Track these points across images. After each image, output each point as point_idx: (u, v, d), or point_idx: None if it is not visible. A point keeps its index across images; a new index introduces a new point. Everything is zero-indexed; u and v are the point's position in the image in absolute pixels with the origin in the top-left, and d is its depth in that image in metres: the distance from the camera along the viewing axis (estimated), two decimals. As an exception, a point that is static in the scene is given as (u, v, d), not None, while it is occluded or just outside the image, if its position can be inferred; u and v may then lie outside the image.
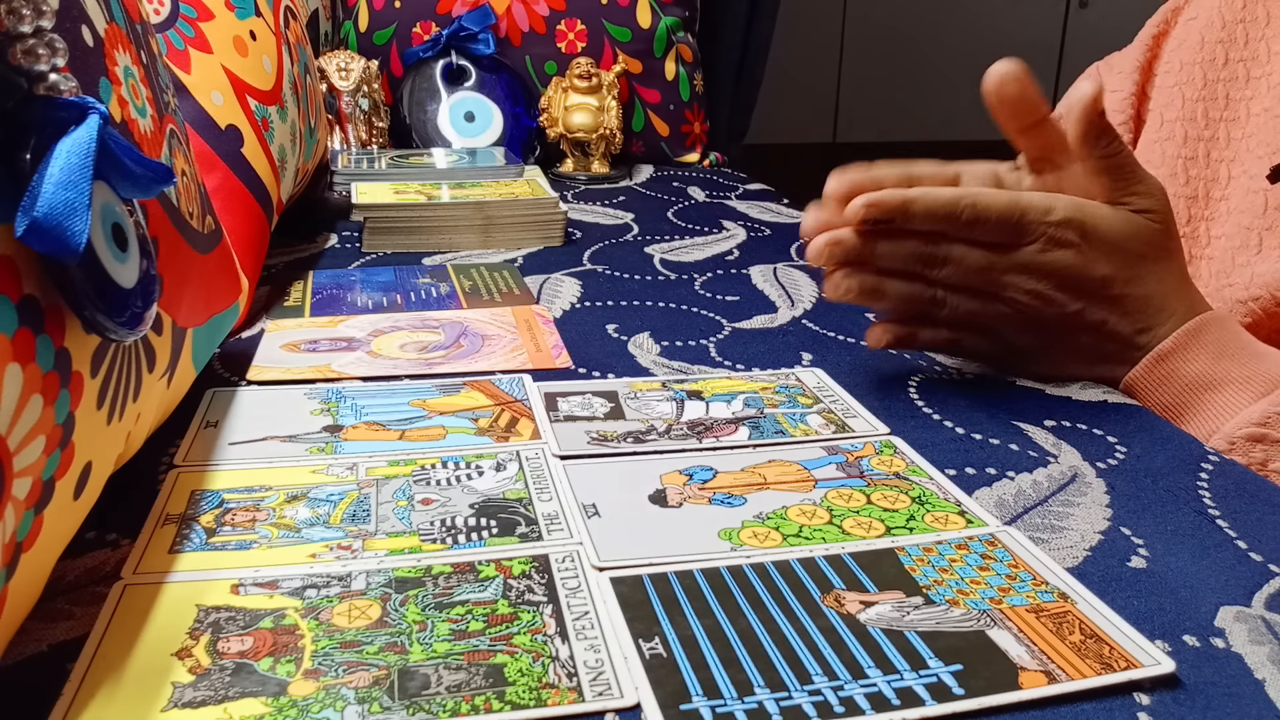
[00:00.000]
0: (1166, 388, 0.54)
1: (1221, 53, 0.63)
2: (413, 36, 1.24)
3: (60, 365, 0.32)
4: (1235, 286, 0.59)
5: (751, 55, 1.44)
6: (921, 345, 0.60)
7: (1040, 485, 0.46)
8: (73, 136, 0.31)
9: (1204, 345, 0.53)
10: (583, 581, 0.38)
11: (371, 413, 0.52)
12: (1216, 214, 0.64)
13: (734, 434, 0.50)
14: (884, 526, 0.42)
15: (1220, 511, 0.44)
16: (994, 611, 0.36)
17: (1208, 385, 0.53)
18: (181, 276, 0.46)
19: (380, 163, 1.04)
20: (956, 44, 3.31)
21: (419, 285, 0.74)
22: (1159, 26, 0.71)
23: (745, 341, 0.65)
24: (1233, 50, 0.63)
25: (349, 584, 0.37)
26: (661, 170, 1.26)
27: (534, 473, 0.46)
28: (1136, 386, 0.55)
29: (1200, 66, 0.65)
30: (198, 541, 0.40)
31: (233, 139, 0.70)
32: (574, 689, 0.32)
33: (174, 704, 0.31)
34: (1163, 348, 0.54)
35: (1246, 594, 0.38)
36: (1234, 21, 0.64)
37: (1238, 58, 0.63)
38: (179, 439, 0.49)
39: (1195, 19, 0.68)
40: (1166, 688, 0.33)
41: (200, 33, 0.70)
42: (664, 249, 0.88)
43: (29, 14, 0.31)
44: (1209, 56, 0.64)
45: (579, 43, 1.25)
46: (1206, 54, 0.64)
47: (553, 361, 0.60)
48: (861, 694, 0.32)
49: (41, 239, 0.30)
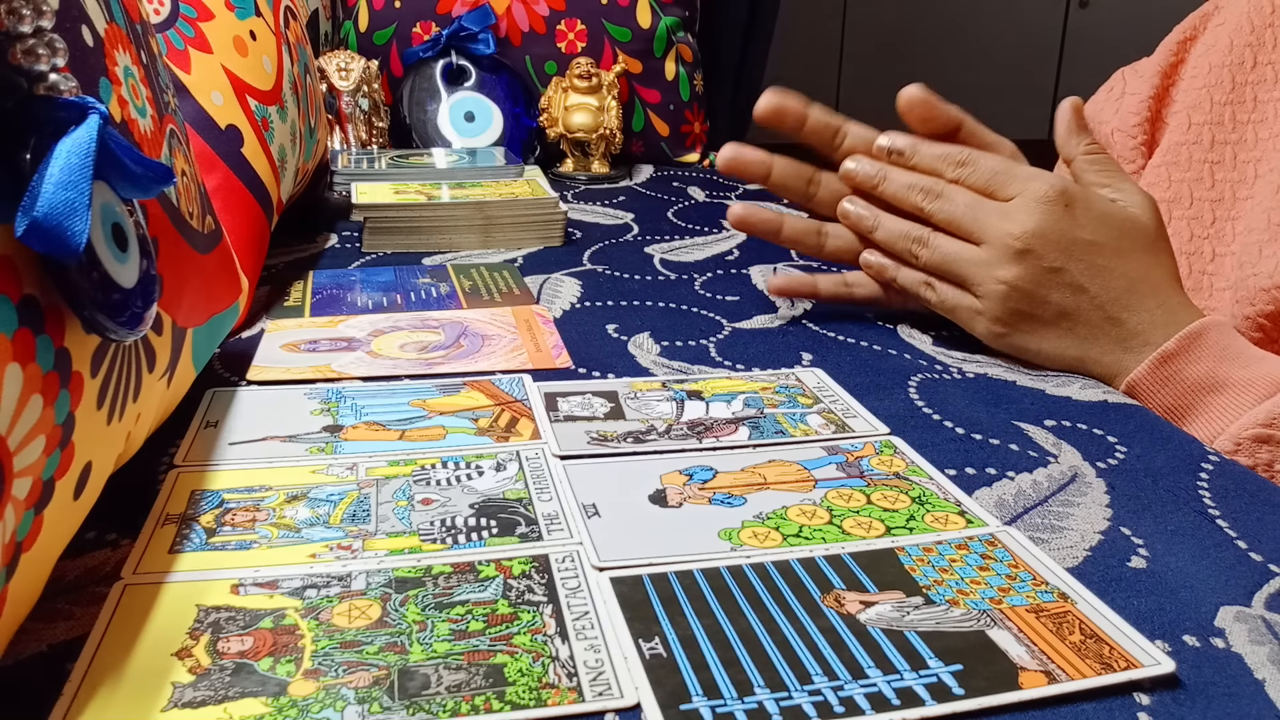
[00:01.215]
0: (1170, 389, 0.54)
1: (1250, 56, 0.65)
2: (413, 36, 1.24)
3: (60, 365, 0.32)
4: (1260, 275, 0.59)
5: (751, 55, 1.44)
6: (902, 281, 0.64)
7: (1040, 485, 0.46)
8: (73, 136, 0.31)
9: (1206, 348, 0.54)
10: (583, 581, 0.38)
11: (371, 413, 0.52)
12: (1242, 212, 0.64)
13: (734, 434, 0.50)
14: (884, 526, 0.42)
15: (1220, 511, 0.44)
16: (994, 611, 0.36)
17: (1211, 387, 0.53)
18: (181, 276, 0.46)
19: (380, 163, 1.04)
20: (956, 44, 3.31)
21: (419, 285, 0.74)
22: (1187, 32, 0.72)
23: (745, 341, 0.65)
24: (1260, 54, 0.65)
25: (349, 584, 0.37)
26: (661, 170, 1.26)
27: (534, 473, 0.46)
28: (1139, 387, 0.55)
29: (1229, 69, 0.66)
30: (198, 541, 0.40)
31: (233, 139, 0.70)
32: (574, 689, 0.32)
33: (174, 704, 0.31)
34: (1166, 349, 0.54)
35: (1246, 594, 0.38)
36: (1263, 26, 0.65)
37: (1266, 60, 0.64)
38: (179, 439, 0.49)
39: (1224, 24, 0.69)
40: (1166, 688, 0.33)
41: (200, 33, 0.70)
42: (664, 249, 0.88)
43: (29, 14, 0.31)
44: (1238, 60, 0.65)
45: (579, 43, 1.25)
46: (1235, 57, 0.65)
47: (553, 361, 0.60)
48: (861, 694, 0.32)
49: (41, 239, 0.30)
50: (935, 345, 0.64)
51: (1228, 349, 0.54)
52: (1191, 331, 0.54)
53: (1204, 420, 0.53)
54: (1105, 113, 0.75)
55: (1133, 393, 0.56)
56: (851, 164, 0.64)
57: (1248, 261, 0.61)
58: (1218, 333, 0.54)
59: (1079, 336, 0.57)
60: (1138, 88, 0.73)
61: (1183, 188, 0.67)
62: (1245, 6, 0.68)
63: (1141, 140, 0.72)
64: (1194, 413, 0.54)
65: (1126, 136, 0.73)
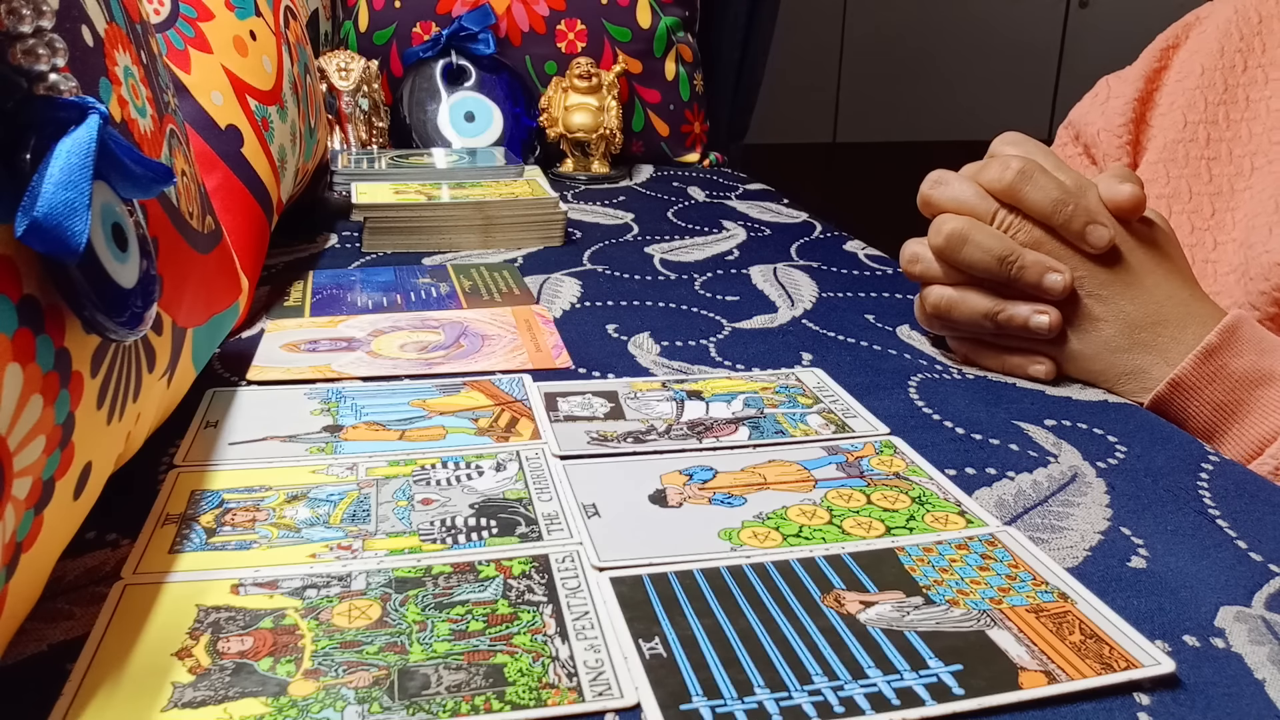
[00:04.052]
0: (1218, 384, 0.53)
1: (1240, 60, 0.68)
2: (413, 36, 1.24)
3: (60, 365, 0.32)
4: (1272, 251, 0.60)
5: (751, 55, 1.44)
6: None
7: (1040, 485, 0.46)
8: (73, 136, 0.31)
9: (1245, 340, 0.53)
10: (583, 581, 0.38)
11: (371, 413, 0.52)
12: (1240, 203, 0.65)
13: (734, 434, 0.50)
14: (884, 526, 0.42)
15: (1220, 511, 0.44)
16: (994, 611, 0.36)
17: (1259, 380, 0.53)
18: (181, 276, 0.46)
19: (380, 163, 1.04)
20: (956, 44, 3.31)
21: (419, 285, 0.74)
22: (1170, 40, 0.74)
23: (745, 341, 0.65)
24: (1250, 58, 0.67)
25: (349, 584, 0.37)
26: (661, 170, 1.26)
27: (534, 473, 0.46)
28: (1185, 385, 0.54)
29: (1221, 72, 0.68)
30: (198, 541, 0.40)
31: (233, 139, 0.70)
32: (574, 689, 0.32)
33: (174, 704, 0.31)
34: (1209, 343, 0.53)
35: (1246, 594, 0.38)
36: (1251, 34, 0.68)
37: (1256, 64, 0.67)
38: (179, 439, 0.49)
39: (1206, 33, 0.72)
40: (1166, 688, 0.33)
41: (200, 33, 0.70)
42: (664, 249, 0.88)
43: (29, 14, 0.31)
44: (1229, 64, 0.68)
45: (579, 43, 1.25)
46: (1226, 61, 0.68)
47: (553, 361, 0.60)
48: (861, 694, 0.32)
49: (41, 239, 0.30)
50: (935, 345, 0.64)
51: (1263, 340, 0.53)
52: (1228, 325, 0.53)
53: (1258, 414, 0.53)
54: (1091, 115, 0.77)
55: (1176, 391, 0.54)
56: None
57: (1256, 242, 0.61)
58: (1249, 325, 0.54)
59: (1103, 343, 0.57)
60: (1122, 91, 0.75)
61: (1181, 183, 0.68)
62: (1231, 14, 0.70)
63: (1126, 140, 0.74)
64: (1245, 408, 0.53)
65: (1112, 136, 0.74)
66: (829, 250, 0.88)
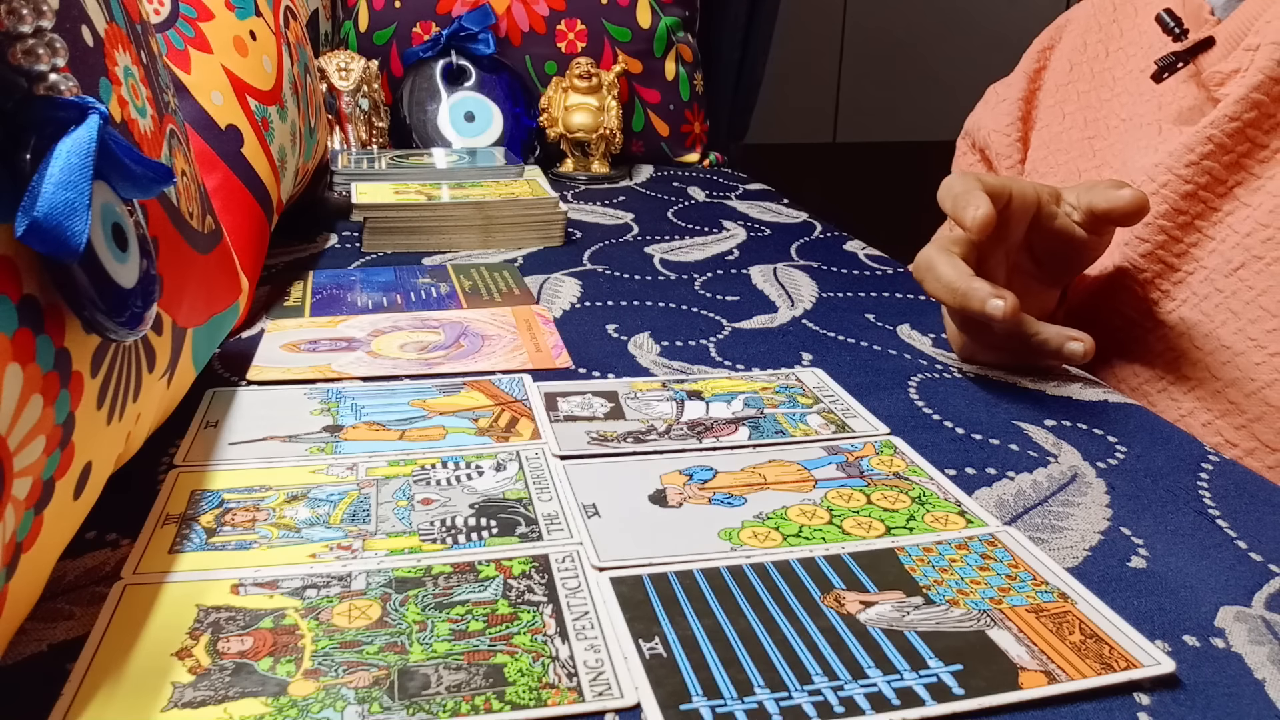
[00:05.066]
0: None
1: (1102, 49, 0.74)
2: (413, 36, 1.24)
3: (60, 365, 0.32)
4: (1134, 169, 0.64)
5: (751, 55, 1.44)
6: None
7: (1040, 485, 0.46)
8: (73, 136, 0.31)
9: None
10: (583, 581, 0.38)
11: (371, 413, 0.52)
12: (1128, 160, 0.68)
13: (734, 434, 0.50)
14: (884, 526, 0.42)
15: (1220, 511, 0.44)
16: (994, 611, 0.36)
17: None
18: (181, 276, 0.46)
19: (380, 163, 1.04)
20: (956, 44, 3.31)
21: (419, 285, 0.74)
22: (1045, 42, 0.81)
23: (745, 341, 0.65)
24: (1110, 45, 0.74)
25: (349, 584, 0.37)
26: (661, 170, 1.26)
27: (534, 473, 0.46)
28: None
29: (1088, 63, 0.75)
30: (198, 541, 0.40)
31: (233, 139, 0.70)
32: (574, 689, 0.32)
33: (174, 704, 0.31)
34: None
35: (1246, 594, 0.38)
36: (1108, 23, 0.75)
37: (1116, 48, 0.73)
38: (179, 439, 0.49)
39: (1073, 31, 0.79)
40: (1166, 688, 0.33)
41: (200, 33, 0.70)
42: (664, 249, 0.88)
43: (29, 14, 0.31)
44: (1093, 54, 0.75)
45: (579, 43, 1.25)
46: (1091, 53, 0.75)
47: (553, 361, 0.60)
48: (861, 694, 0.32)
49: (41, 239, 0.30)
50: (935, 345, 0.64)
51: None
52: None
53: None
54: (983, 120, 0.83)
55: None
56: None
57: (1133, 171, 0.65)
58: None
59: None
60: (1008, 94, 0.81)
61: (1070, 166, 0.73)
62: (1091, 12, 0.77)
63: (1017, 137, 0.79)
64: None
65: (1003, 136, 0.79)
66: (829, 250, 0.88)
